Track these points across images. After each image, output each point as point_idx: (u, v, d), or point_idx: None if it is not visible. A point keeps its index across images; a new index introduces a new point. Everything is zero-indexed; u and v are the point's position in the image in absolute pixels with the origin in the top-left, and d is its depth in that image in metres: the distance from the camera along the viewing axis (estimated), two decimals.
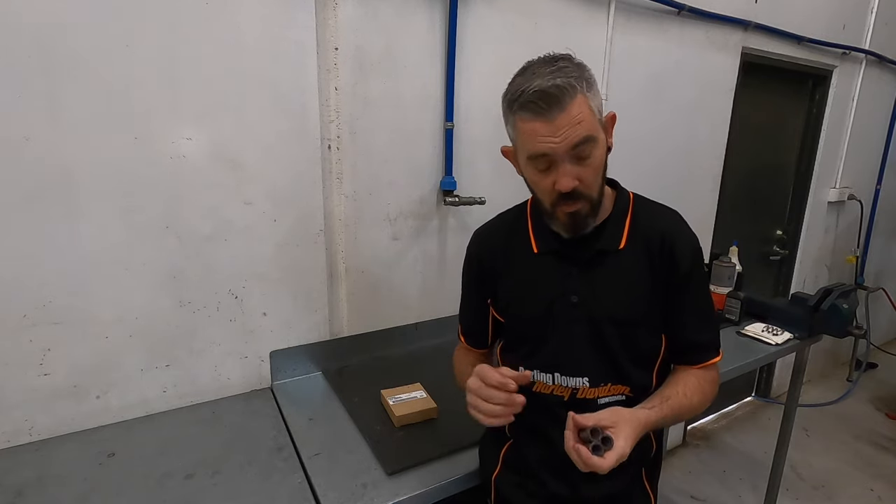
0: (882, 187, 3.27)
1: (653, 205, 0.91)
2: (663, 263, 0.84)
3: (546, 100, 0.71)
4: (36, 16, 0.97)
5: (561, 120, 0.71)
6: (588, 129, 0.73)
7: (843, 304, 1.69)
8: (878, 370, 3.55)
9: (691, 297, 0.86)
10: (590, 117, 0.74)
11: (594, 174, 0.77)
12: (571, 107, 0.71)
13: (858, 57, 2.77)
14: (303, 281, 1.36)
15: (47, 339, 1.08)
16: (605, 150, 0.79)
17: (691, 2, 1.93)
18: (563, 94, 0.70)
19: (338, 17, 1.29)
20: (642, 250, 0.85)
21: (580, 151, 0.74)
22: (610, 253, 0.85)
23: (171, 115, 1.12)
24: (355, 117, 1.37)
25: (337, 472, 1.01)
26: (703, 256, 0.88)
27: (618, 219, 0.87)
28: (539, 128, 0.73)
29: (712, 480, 2.42)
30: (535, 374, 0.88)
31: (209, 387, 1.29)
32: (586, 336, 0.85)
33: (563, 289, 0.86)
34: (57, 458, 1.05)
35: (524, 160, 0.80)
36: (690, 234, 0.87)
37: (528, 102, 0.72)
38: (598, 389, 0.85)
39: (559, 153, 0.73)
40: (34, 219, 1.03)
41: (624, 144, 1.96)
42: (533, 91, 0.71)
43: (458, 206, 1.56)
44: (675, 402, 0.83)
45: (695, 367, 0.89)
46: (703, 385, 0.87)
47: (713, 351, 0.90)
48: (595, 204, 0.80)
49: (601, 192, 0.81)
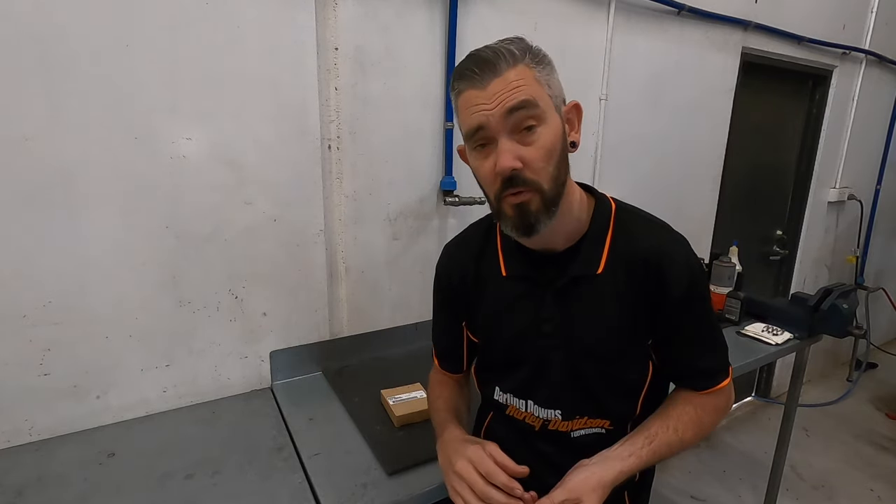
0: (882, 187, 3.27)
1: (638, 218, 0.79)
2: (649, 288, 0.74)
3: (479, 65, 0.64)
4: (36, 16, 0.97)
5: (495, 85, 0.63)
6: (529, 94, 0.64)
7: (843, 304, 1.68)
8: (878, 370, 3.55)
9: (690, 322, 0.77)
10: (535, 88, 0.65)
11: (542, 157, 0.65)
12: (508, 73, 0.64)
13: (858, 57, 2.77)
14: (303, 281, 1.36)
15: (47, 339, 1.08)
16: (558, 134, 0.68)
17: (691, 2, 1.93)
18: (497, 59, 0.64)
19: (338, 17, 1.29)
20: (623, 274, 0.74)
21: (519, 120, 0.64)
22: (586, 278, 0.75)
23: (171, 115, 1.12)
24: (355, 117, 1.37)
25: (337, 472, 1.01)
26: (703, 272, 0.78)
27: (596, 237, 0.76)
28: (472, 96, 0.65)
29: (712, 480, 2.42)
30: (509, 398, 0.83)
31: (209, 387, 1.29)
32: (560, 367, 0.77)
33: (535, 317, 0.77)
34: (57, 458, 1.05)
35: (467, 146, 0.71)
36: (683, 251, 0.76)
37: (462, 71, 0.66)
38: (571, 423, 0.79)
39: (493, 123, 0.64)
40: (34, 219, 1.03)
41: (624, 144, 1.97)
42: (466, 58, 0.66)
43: (458, 206, 1.56)
44: (659, 443, 0.74)
45: (698, 393, 0.80)
46: (700, 417, 0.78)
47: (721, 374, 0.81)
48: (547, 198, 0.67)
49: (556, 184, 0.68)
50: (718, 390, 0.80)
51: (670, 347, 0.78)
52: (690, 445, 0.79)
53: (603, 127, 1.87)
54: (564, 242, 0.76)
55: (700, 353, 0.79)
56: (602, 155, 1.89)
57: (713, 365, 0.81)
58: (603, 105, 1.84)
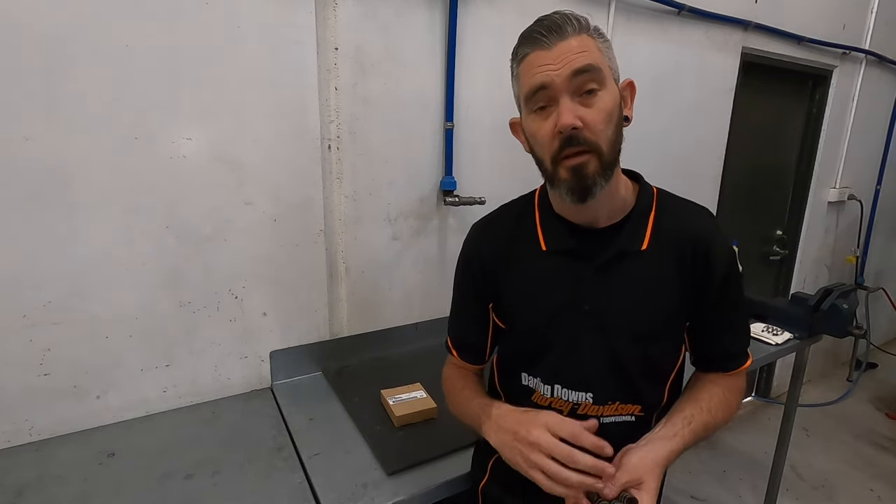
0: (882, 187, 3.27)
1: (680, 201, 0.81)
2: (696, 271, 0.75)
3: (547, 27, 0.66)
4: (36, 16, 0.97)
5: (561, 47, 0.65)
6: (593, 59, 0.66)
7: (843, 304, 1.69)
8: (878, 370, 3.55)
9: (727, 307, 0.78)
10: (598, 55, 0.67)
11: (602, 119, 0.67)
12: (574, 39, 0.66)
13: (858, 57, 2.77)
14: (303, 281, 1.36)
15: (47, 339, 1.08)
16: (617, 101, 0.70)
17: (691, 2, 1.93)
18: (565, 24, 0.66)
19: (338, 17, 1.29)
20: (670, 253, 0.75)
21: (582, 83, 0.66)
22: (631, 254, 0.75)
23: (170, 115, 1.12)
24: (355, 117, 1.37)
25: (337, 472, 1.01)
26: (737, 259, 0.80)
27: (640, 215, 0.77)
28: (537, 57, 0.67)
29: (712, 480, 2.42)
30: (536, 383, 0.81)
31: (209, 387, 1.29)
32: (596, 348, 0.76)
33: (573, 295, 0.76)
34: (57, 458, 1.05)
35: (524, 111, 0.72)
36: (724, 234, 0.78)
37: (529, 34, 0.68)
38: (603, 408, 0.76)
39: (558, 83, 0.65)
40: (34, 219, 1.03)
41: (624, 144, 1.96)
42: (534, 23, 0.69)
43: (458, 206, 1.56)
44: (697, 423, 0.74)
45: (724, 374, 0.82)
46: (728, 398, 0.80)
47: (745, 356, 0.83)
48: (605, 161, 0.68)
49: (613, 149, 0.70)
50: (741, 371, 0.83)
51: (705, 330, 0.79)
52: (721, 427, 0.80)
53: None
54: (608, 219, 0.76)
55: (732, 337, 0.81)
56: None
57: (742, 348, 0.83)
58: None
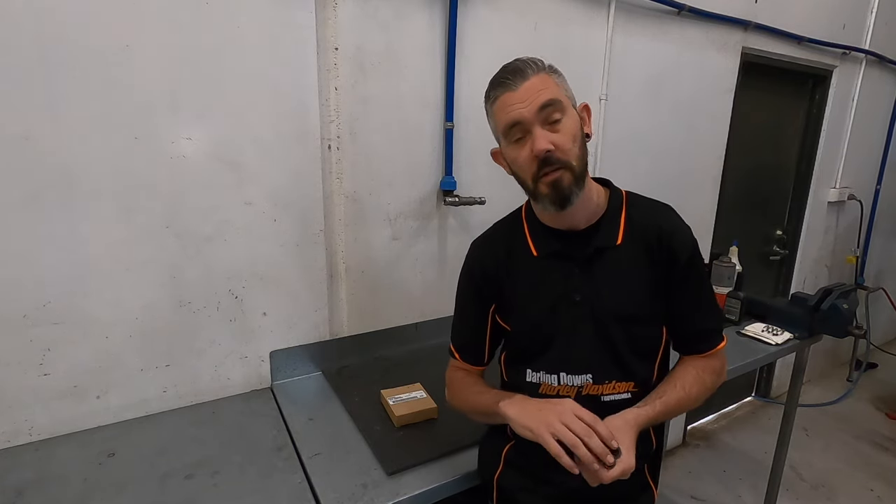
0: (882, 187, 3.27)
1: (646, 200, 0.94)
2: (662, 257, 0.87)
3: (511, 73, 0.81)
4: (36, 15, 0.98)
5: (526, 86, 0.79)
6: (553, 94, 0.80)
7: (843, 304, 1.68)
8: (878, 370, 3.55)
9: (693, 287, 0.89)
10: (555, 90, 0.81)
11: (568, 140, 0.80)
12: (534, 78, 0.80)
13: (858, 57, 2.77)
14: (303, 281, 1.36)
15: (47, 339, 1.08)
16: (578, 124, 0.83)
17: (691, 2, 1.93)
18: (525, 68, 0.81)
19: (338, 17, 1.29)
20: (640, 245, 0.88)
21: (548, 114, 0.79)
22: (608, 249, 0.88)
23: (171, 115, 1.12)
24: (355, 117, 1.37)
25: (337, 472, 1.01)
26: (699, 245, 0.92)
27: (613, 215, 0.90)
28: (507, 98, 0.81)
29: (712, 480, 2.42)
30: (541, 377, 0.90)
31: (209, 387, 1.29)
32: (591, 333, 0.87)
33: (565, 288, 0.88)
34: (57, 458, 1.05)
35: (503, 142, 0.86)
36: (685, 225, 0.91)
37: (497, 80, 0.83)
38: (602, 386, 0.87)
39: (528, 117, 0.79)
40: (34, 219, 1.03)
41: (624, 144, 1.97)
42: (499, 72, 0.84)
43: (458, 206, 1.56)
44: (670, 397, 0.86)
45: (699, 356, 0.92)
46: (702, 376, 0.91)
47: (716, 337, 0.93)
48: (577, 174, 0.81)
49: (581, 163, 0.83)
50: (715, 353, 0.93)
51: (679, 309, 0.90)
52: (699, 401, 0.90)
53: (603, 127, 1.87)
54: (586, 222, 0.89)
55: (701, 316, 0.92)
56: (602, 155, 1.89)
57: (712, 326, 0.93)
58: (603, 105, 1.84)
